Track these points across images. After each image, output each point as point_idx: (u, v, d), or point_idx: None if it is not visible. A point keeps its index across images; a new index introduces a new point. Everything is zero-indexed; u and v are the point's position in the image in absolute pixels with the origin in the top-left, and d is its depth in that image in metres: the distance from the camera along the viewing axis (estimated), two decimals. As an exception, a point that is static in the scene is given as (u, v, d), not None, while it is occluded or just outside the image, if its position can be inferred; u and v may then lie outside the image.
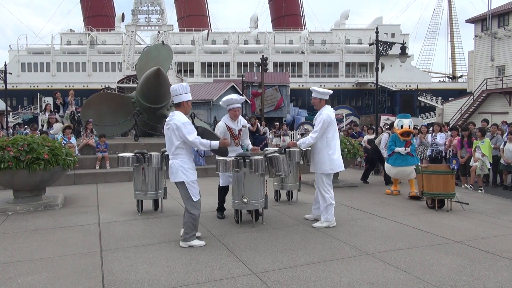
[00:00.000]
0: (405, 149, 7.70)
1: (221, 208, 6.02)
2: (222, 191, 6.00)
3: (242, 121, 5.95)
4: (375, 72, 13.14)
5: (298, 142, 5.64)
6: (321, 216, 5.58)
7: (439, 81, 64.57)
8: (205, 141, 4.54)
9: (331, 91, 5.85)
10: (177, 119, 4.51)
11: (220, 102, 5.72)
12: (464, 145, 10.08)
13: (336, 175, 9.35)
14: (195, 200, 4.59)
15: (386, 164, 8.28)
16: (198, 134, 4.59)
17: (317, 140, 5.49)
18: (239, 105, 5.82)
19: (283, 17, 66.24)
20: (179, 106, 4.66)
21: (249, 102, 39.37)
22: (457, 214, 6.33)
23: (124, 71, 49.69)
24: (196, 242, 4.63)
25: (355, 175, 10.54)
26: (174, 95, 4.65)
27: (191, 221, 4.58)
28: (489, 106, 31.80)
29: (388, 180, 9.23)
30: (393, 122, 9.35)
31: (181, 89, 4.60)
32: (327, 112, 5.51)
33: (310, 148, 5.75)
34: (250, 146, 6.02)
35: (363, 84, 55.90)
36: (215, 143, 4.59)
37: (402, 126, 7.83)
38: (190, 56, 57.47)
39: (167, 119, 4.67)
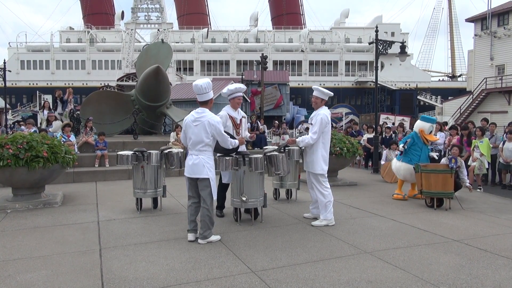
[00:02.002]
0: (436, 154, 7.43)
1: (221, 206, 6.02)
2: (224, 189, 5.98)
3: (241, 112, 5.95)
4: (374, 71, 13.13)
5: (297, 140, 5.66)
6: (320, 214, 5.58)
7: (439, 80, 64.57)
8: (231, 139, 4.81)
9: (332, 93, 5.88)
10: (210, 116, 4.59)
11: (223, 90, 5.78)
12: (463, 144, 10.08)
13: (335, 173, 9.39)
14: (215, 198, 4.73)
15: (406, 165, 7.45)
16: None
17: (315, 141, 5.52)
18: (241, 94, 5.81)
19: (283, 16, 66.19)
20: (205, 103, 4.68)
21: (249, 101, 39.34)
22: (456, 213, 6.35)
23: (123, 69, 49.54)
24: (213, 238, 4.71)
25: (354, 173, 10.56)
26: (201, 93, 4.63)
27: (209, 218, 4.64)
28: (488, 105, 31.82)
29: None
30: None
31: (208, 87, 4.64)
32: (324, 112, 5.55)
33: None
34: (248, 135, 6.04)
35: (362, 82, 55.89)
36: (237, 142, 4.91)
37: (431, 132, 7.39)
38: (190, 54, 57.40)
39: (195, 115, 4.64)
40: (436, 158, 7.35)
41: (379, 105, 46.03)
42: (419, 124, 7.62)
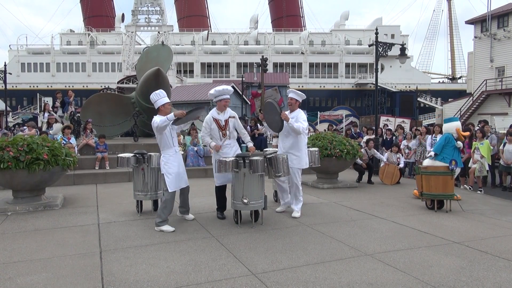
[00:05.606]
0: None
1: (221, 208, 5.99)
2: (220, 191, 5.92)
3: (229, 111, 5.87)
4: (374, 73, 13.14)
5: (291, 119, 5.84)
6: (295, 206, 6.14)
7: (439, 82, 64.59)
8: (163, 121, 5.07)
9: (305, 96, 6.49)
10: (153, 122, 5.19)
11: (211, 91, 5.81)
12: (465, 146, 10.07)
13: (335, 175, 9.41)
14: (169, 191, 5.22)
15: (441, 163, 7.34)
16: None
17: (302, 133, 5.96)
18: (227, 96, 5.79)
19: (283, 18, 66.24)
20: (158, 110, 5.33)
21: (249, 103, 39.40)
22: (456, 215, 6.34)
23: (124, 71, 49.69)
24: (165, 228, 5.20)
25: (354, 176, 10.54)
26: (153, 103, 5.33)
27: (161, 208, 5.24)
28: (488, 107, 31.85)
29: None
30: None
31: (155, 97, 5.31)
32: (303, 113, 6.19)
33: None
34: (250, 145, 5.87)
35: (362, 85, 55.90)
36: (170, 115, 5.09)
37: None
38: (190, 57, 57.48)
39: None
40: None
41: (379, 107, 46.04)
42: (454, 125, 7.54)
